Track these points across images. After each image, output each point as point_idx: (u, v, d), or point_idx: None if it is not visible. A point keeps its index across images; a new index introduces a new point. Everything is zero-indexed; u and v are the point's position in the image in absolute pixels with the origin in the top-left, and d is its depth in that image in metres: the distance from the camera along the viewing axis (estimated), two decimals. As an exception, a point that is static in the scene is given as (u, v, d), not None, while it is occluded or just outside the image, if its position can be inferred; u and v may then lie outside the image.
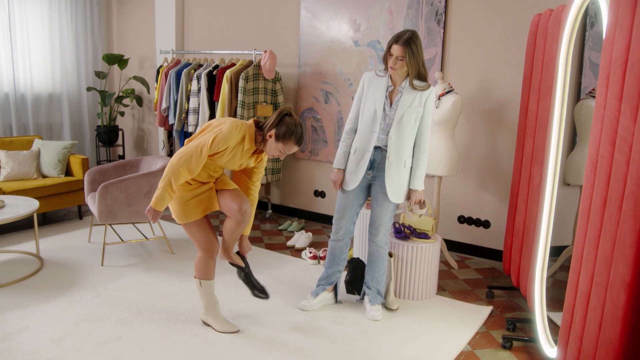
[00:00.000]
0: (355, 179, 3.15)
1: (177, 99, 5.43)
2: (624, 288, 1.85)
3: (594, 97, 2.95)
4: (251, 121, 2.78)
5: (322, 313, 3.28)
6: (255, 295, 3.02)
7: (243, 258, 3.04)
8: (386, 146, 3.07)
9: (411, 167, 3.15)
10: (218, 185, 2.92)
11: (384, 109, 3.06)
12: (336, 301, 3.41)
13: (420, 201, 3.21)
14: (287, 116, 2.72)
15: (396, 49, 2.92)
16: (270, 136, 2.72)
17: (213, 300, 3.01)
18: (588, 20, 3.87)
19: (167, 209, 5.28)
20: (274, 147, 2.74)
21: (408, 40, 2.90)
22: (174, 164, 2.65)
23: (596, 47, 3.86)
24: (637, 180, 1.78)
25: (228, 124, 2.69)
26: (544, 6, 3.50)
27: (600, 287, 2.02)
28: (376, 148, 3.10)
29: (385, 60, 3.04)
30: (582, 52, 3.91)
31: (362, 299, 3.39)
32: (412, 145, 3.13)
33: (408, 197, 3.22)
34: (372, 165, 3.14)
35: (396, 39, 2.93)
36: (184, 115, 5.39)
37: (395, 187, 3.11)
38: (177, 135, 5.57)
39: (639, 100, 1.80)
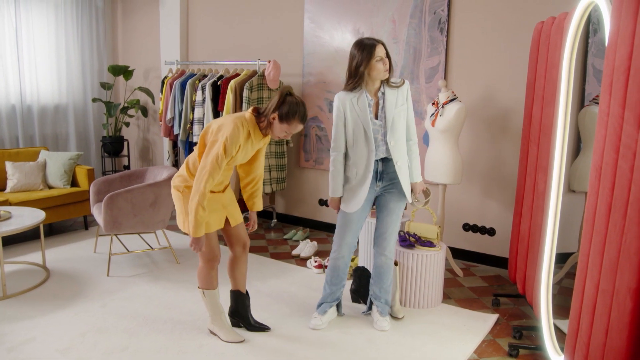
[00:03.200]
0: (358, 200, 3.05)
1: (182, 110, 5.46)
2: (630, 295, 1.84)
3: (598, 103, 2.95)
4: (250, 113, 2.78)
5: (328, 322, 3.28)
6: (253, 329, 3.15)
7: (245, 294, 3.17)
8: (390, 155, 3.03)
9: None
10: (229, 211, 2.97)
11: (374, 124, 2.99)
12: (339, 314, 3.38)
13: (424, 189, 3.23)
14: (289, 96, 2.75)
15: (382, 49, 2.90)
16: (274, 118, 2.74)
17: (218, 310, 3.02)
18: (591, 27, 3.88)
19: (173, 218, 5.30)
20: (278, 129, 2.76)
21: (381, 40, 2.93)
22: (198, 188, 2.64)
23: (599, 53, 3.87)
24: (642, 187, 1.78)
25: (230, 126, 2.67)
26: (546, 14, 3.51)
27: (607, 294, 2.01)
28: (377, 160, 3.05)
29: (357, 71, 2.91)
30: (585, 59, 3.92)
31: (369, 310, 3.36)
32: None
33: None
34: (380, 177, 3.08)
35: (374, 41, 2.89)
36: (188, 126, 5.42)
37: (407, 186, 3.10)
38: (182, 146, 5.60)
39: (642, 107, 1.80)
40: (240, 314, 3.14)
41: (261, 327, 3.14)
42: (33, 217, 3.87)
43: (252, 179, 3.07)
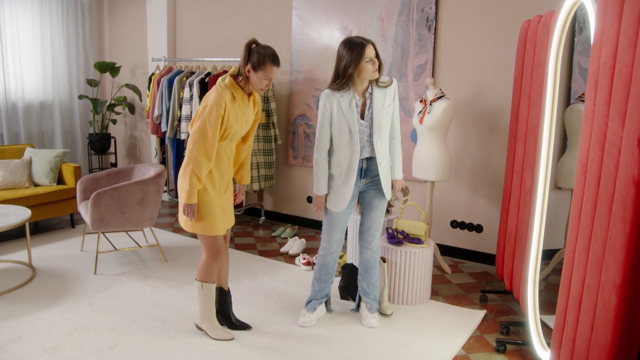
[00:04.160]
0: (343, 199, 3.04)
1: (169, 107, 5.43)
2: (615, 290, 1.86)
3: (584, 101, 2.98)
4: (227, 78, 2.82)
5: (317, 319, 3.28)
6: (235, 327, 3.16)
7: (227, 292, 3.17)
8: (374, 154, 3.02)
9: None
10: (227, 218, 2.99)
11: (360, 124, 2.96)
12: (328, 310, 3.39)
13: (403, 187, 3.25)
14: (254, 45, 2.78)
15: (371, 50, 2.85)
16: (249, 71, 2.76)
17: (211, 306, 2.99)
18: (577, 25, 3.91)
19: (160, 216, 5.27)
20: (256, 79, 2.77)
21: (371, 40, 2.91)
22: (190, 152, 2.68)
23: (585, 52, 3.90)
24: (626, 184, 1.80)
25: (213, 93, 2.73)
26: (533, 12, 3.53)
27: (592, 290, 2.04)
28: (362, 159, 3.03)
29: (345, 72, 2.85)
30: (571, 57, 3.95)
31: (357, 307, 3.38)
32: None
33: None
34: (364, 174, 3.08)
35: (364, 41, 2.84)
36: (176, 123, 5.39)
37: (387, 185, 3.11)
38: (170, 143, 5.56)
39: (626, 105, 1.82)
40: (222, 311, 3.12)
41: (243, 326, 3.13)
42: (18, 215, 3.83)
43: (241, 159, 3.13)
